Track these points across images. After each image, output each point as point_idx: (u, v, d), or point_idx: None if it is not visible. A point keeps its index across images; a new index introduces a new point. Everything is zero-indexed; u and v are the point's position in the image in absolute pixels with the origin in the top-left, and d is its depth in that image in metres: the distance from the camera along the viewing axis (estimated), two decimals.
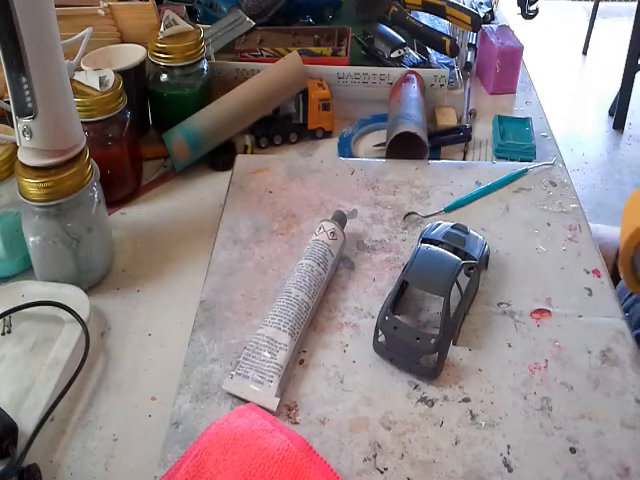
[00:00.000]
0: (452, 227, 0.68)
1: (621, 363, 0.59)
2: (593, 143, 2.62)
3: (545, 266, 0.69)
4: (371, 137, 0.94)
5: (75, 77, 0.76)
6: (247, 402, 0.56)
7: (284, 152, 0.92)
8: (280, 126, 0.92)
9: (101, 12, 0.93)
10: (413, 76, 0.92)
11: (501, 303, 0.65)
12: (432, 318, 0.63)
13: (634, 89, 2.53)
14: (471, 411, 0.56)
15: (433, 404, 0.56)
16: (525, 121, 0.93)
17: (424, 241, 0.66)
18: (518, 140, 0.90)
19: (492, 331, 0.62)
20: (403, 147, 0.84)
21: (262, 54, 1.00)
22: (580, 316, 0.64)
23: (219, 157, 0.88)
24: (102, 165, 0.71)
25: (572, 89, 2.99)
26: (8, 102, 0.61)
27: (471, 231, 0.68)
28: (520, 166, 0.82)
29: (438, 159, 0.88)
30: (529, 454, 0.53)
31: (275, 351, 0.58)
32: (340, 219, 0.71)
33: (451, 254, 0.63)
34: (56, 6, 0.58)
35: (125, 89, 0.77)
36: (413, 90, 0.90)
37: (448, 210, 0.77)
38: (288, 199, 0.79)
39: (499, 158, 0.88)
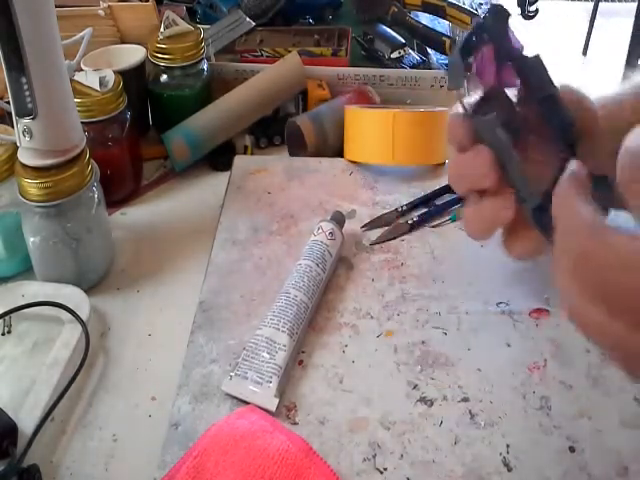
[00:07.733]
0: None
1: None
2: None
3: (544, 265, 0.69)
4: None
5: (75, 77, 0.76)
6: (246, 403, 0.56)
7: (284, 152, 0.92)
8: (280, 126, 0.92)
9: (101, 12, 0.93)
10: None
11: (500, 302, 0.65)
12: (432, 318, 0.63)
13: None
14: (470, 411, 0.56)
15: (432, 404, 0.56)
16: None
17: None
18: None
19: (491, 330, 0.62)
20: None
21: (262, 54, 1.00)
22: None
23: (219, 157, 0.88)
24: (102, 165, 0.72)
25: None
26: (8, 102, 0.61)
27: None
28: None
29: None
30: (528, 453, 0.53)
31: (274, 352, 0.58)
32: (339, 219, 0.71)
33: None
34: (56, 6, 0.58)
35: (125, 89, 0.78)
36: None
37: None
38: (287, 200, 0.79)
39: None
